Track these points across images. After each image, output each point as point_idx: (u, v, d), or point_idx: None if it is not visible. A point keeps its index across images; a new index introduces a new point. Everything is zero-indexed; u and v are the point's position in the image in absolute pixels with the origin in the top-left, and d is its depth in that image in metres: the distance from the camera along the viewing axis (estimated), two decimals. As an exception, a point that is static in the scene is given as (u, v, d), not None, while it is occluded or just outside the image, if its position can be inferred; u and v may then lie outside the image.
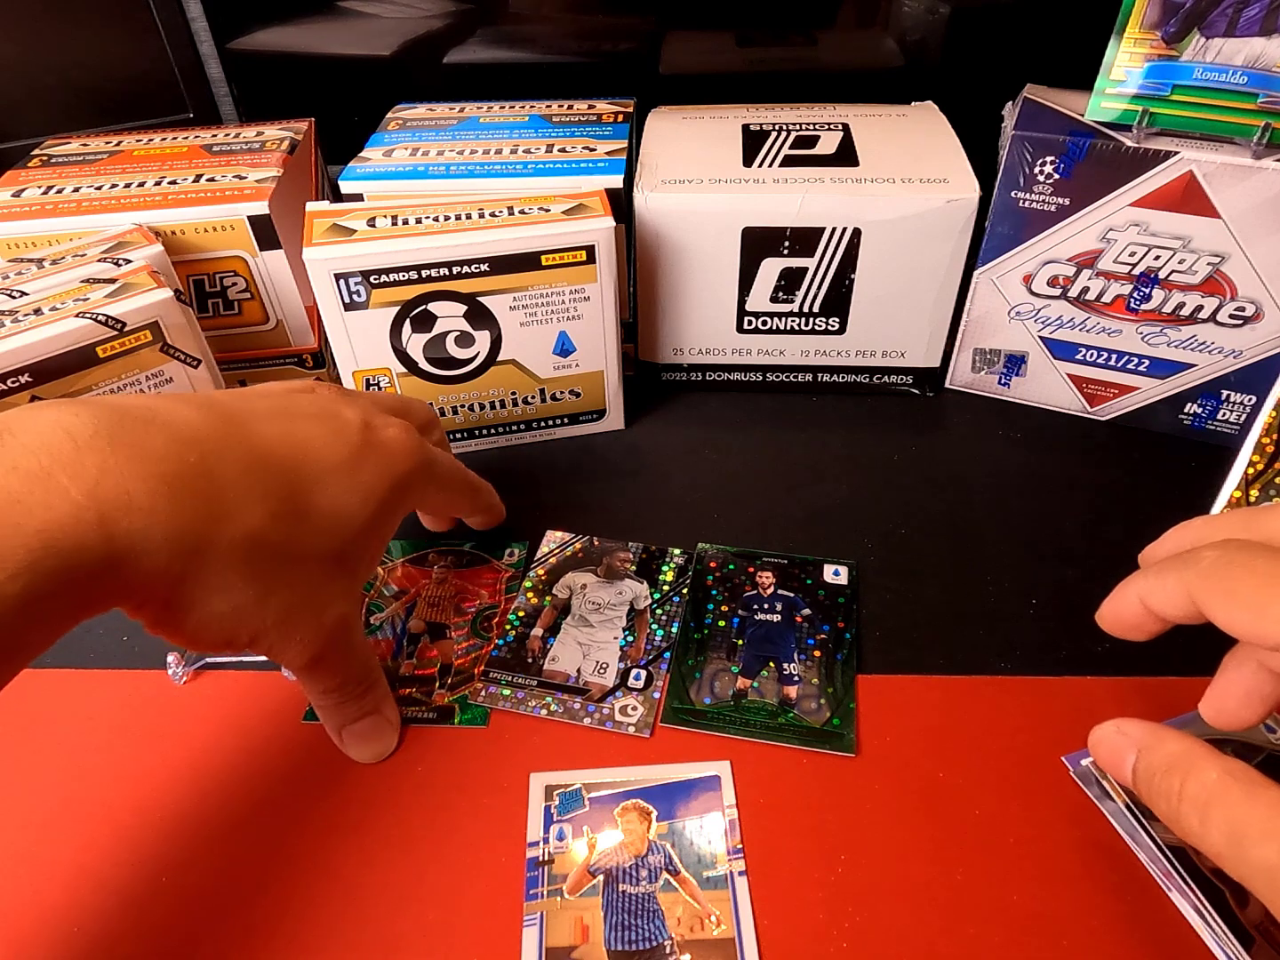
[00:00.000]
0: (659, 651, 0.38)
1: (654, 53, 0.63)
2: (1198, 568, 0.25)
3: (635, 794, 0.33)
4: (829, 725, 0.35)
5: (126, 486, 0.24)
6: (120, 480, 0.24)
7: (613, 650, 0.38)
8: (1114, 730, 0.27)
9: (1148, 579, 0.27)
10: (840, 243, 0.47)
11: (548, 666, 0.38)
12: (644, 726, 0.35)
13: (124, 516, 0.24)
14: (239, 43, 0.63)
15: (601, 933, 0.30)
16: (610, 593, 0.41)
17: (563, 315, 0.45)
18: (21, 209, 0.46)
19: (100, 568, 0.24)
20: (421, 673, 0.38)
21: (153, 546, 0.25)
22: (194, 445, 0.27)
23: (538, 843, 0.32)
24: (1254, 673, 0.27)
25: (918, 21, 0.61)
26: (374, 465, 0.32)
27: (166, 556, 0.25)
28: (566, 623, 0.40)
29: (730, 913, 0.30)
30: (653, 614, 0.40)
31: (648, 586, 0.41)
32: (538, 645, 0.39)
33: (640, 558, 0.42)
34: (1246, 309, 0.44)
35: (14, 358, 0.36)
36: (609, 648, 0.39)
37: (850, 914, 0.30)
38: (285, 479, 0.29)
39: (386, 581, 0.42)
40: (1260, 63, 0.40)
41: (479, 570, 0.43)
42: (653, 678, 0.37)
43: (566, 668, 0.38)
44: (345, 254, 0.41)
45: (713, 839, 0.32)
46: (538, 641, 0.39)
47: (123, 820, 0.33)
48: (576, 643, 0.39)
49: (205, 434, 0.27)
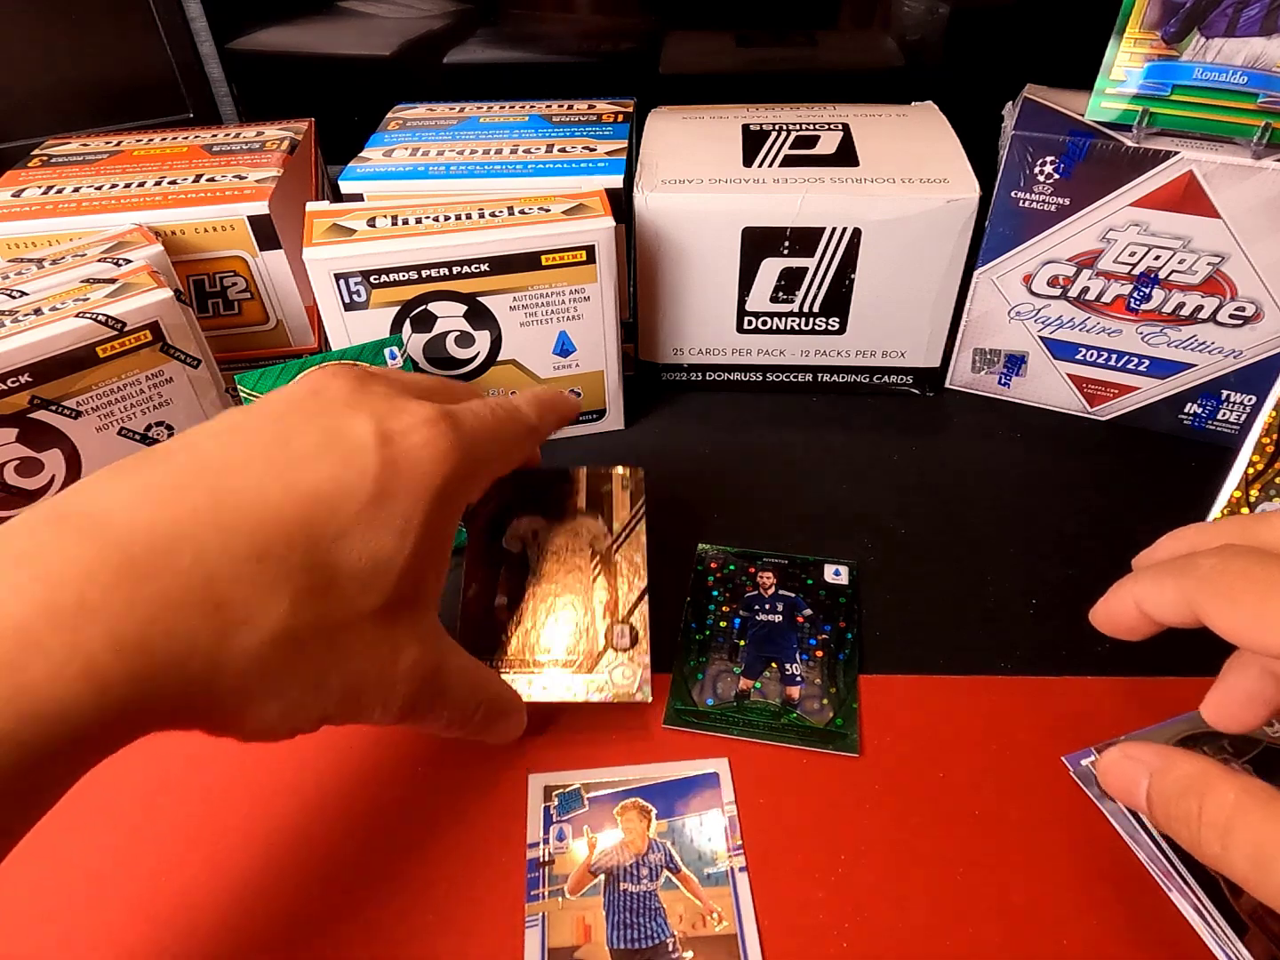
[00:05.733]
0: (635, 601, 0.35)
1: (654, 53, 0.63)
2: (1196, 575, 0.25)
3: (634, 793, 0.33)
4: (832, 725, 0.35)
5: (111, 626, 0.20)
6: (102, 619, 0.20)
7: (589, 607, 0.35)
8: (1121, 756, 0.26)
9: (1144, 583, 0.27)
10: (840, 243, 0.47)
11: (524, 639, 0.35)
12: (644, 684, 0.33)
13: (115, 662, 0.20)
14: (239, 43, 0.63)
15: (604, 932, 0.30)
16: (567, 537, 0.36)
17: (563, 315, 0.45)
18: (21, 209, 0.46)
19: (101, 723, 0.20)
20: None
21: (159, 687, 0.21)
22: (181, 546, 0.22)
23: (538, 843, 0.32)
24: (1257, 677, 0.27)
25: (918, 21, 0.61)
26: (404, 489, 0.26)
27: (180, 691, 0.22)
28: (530, 583, 0.36)
29: (732, 909, 0.30)
30: (615, 553, 0.36)
31: (601, 522, 0.37)
32: (505, 616, 0.35)
33: (587, 483, 0.38)
34: (1246, 309, 0.44)
35: (14, 358, 0.36)
36: (584, 605, 0.35)
37: (851, 913, 0.30)
38: (300, 548, 0.24)
39: None
40: (1260, 63, 0.40)
41: None
42: (637, 632, 0.35)
43: (546, 639, 0.35)
44: (345, 254, 0.41)
45: (713, 836, 0.32)
46: (505, 612, 0.35)
47: (122, 820, 0.33)
48: (547, 606, 0.35)
49: (191, 526, 0.22)
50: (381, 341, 0.41)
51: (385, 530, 0.25)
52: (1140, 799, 0.25)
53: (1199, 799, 0.23)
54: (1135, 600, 0.27)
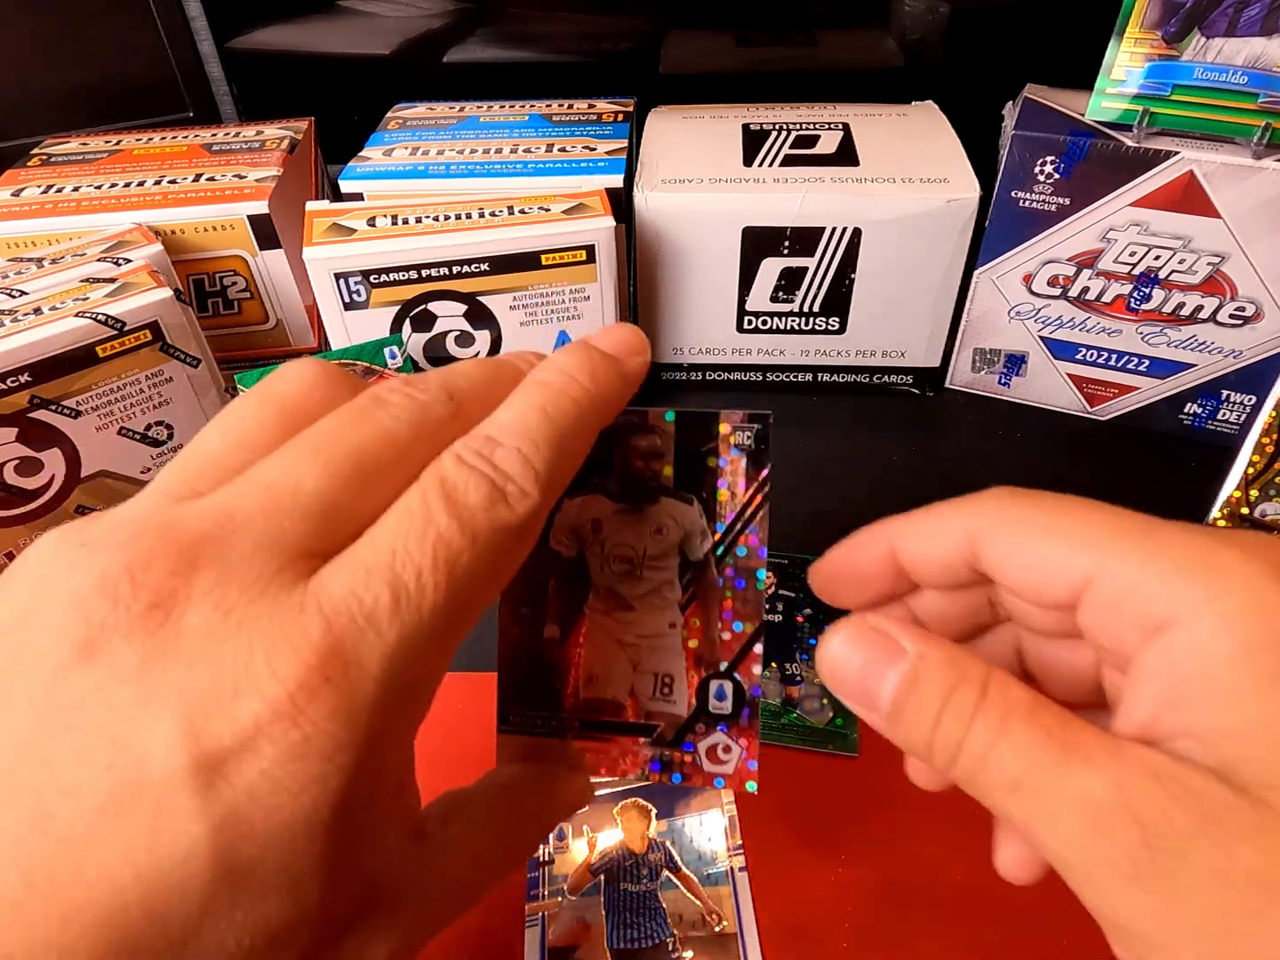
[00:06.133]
0: (745, 645, 0.22)
1: (654, 53, 0.63)
2: (981, 502, 0.20)
3: (634, 792, 0.33)
4: (832, 725, 0.35)
5: None
6: None
7: (674, 650, 0.23)
8: (880, 636, 0.19)
9: (907, 519, 0.21)
10: (840, 242, 0.47)
11: (586, 694, 0.23)
12: (742, 777, 0.22)
13: None
14: (239, 42, 0.63)
15: (604, 931, 0.30)
16: (644, 533, 0.23)
17: (563, 315, 0.45)
18: (21, 208, 0.46)
19: None
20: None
21: None
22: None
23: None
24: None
25: (918, 21, 0.61)
26: (272, 842, 0.15)
27: None
28: (591, 605, 0.23)
29: (732, 909, 0.30)
30: (718, 564, 0.22)
31: (699, 509, 0.23)
32: (563, 655, 0.23)
33: (675, 439, 0.23)
34: (1246, 309, 0.44)
35: (14, 357, 0.36)
36: (667, 646, 0.23)
37: (851, 912, 0.30)
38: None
39: None
40: (1260, 63, 0.40)
41: (373, 384, 0.33)
42: (742, 691, 0.22)
43: (613, 691, 0.23)
44: (345, 253, 0.41)
45: (713, 836, 0.32)
46: (557, 648, 0.23)
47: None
48: (617, 642, 0.23)
49: None
50: (381, 341, 0.41)
51: (262, 901, 0.15)
52: (881, 699, 0.18)
53: (966, 719, 0.17)
54: (891, 539, 0.21)
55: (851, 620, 0.19)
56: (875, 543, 0.21)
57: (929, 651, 0.18)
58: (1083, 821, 0.15)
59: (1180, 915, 0.15)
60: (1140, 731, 0.16)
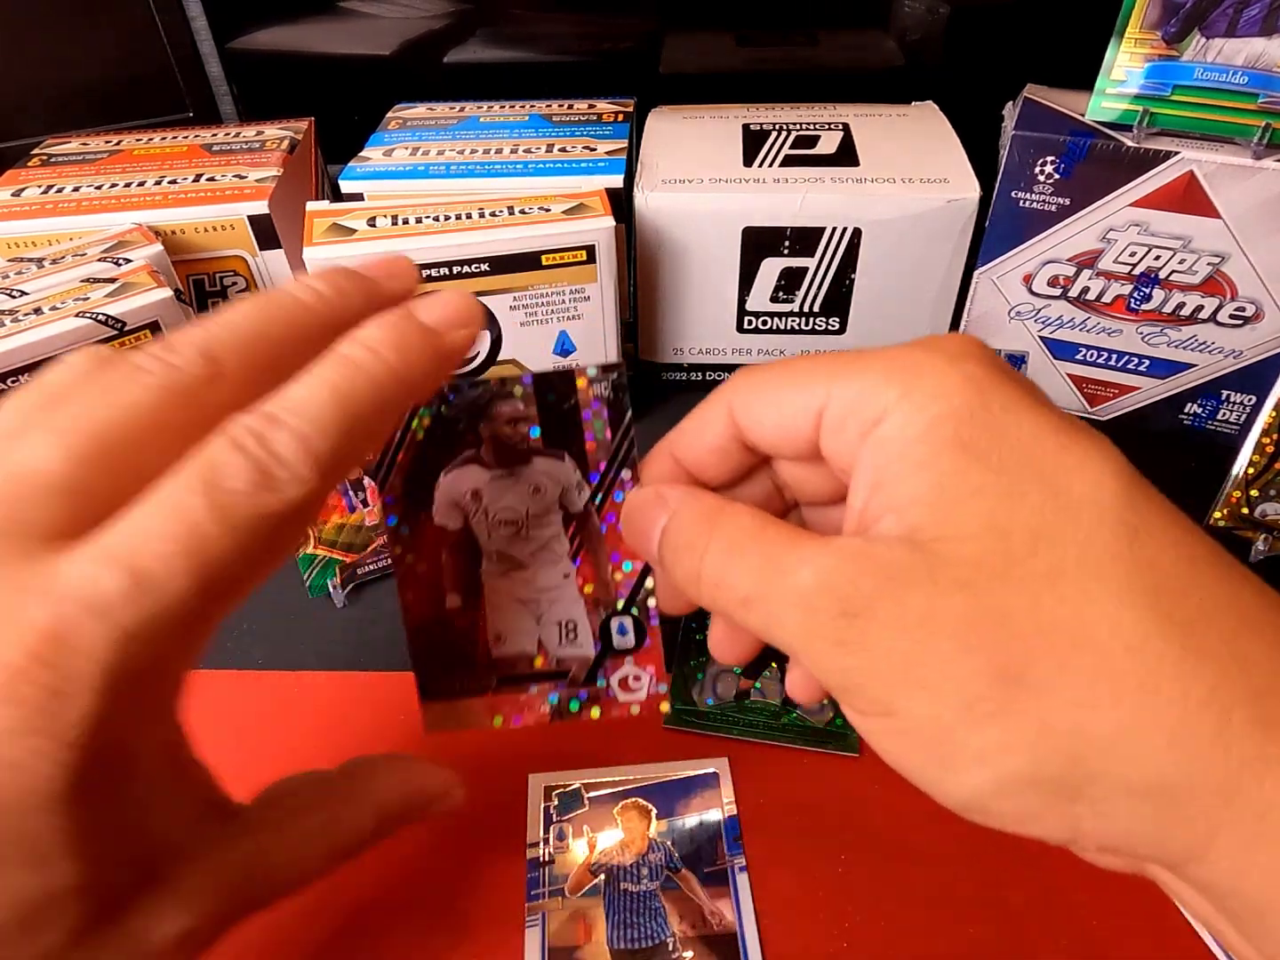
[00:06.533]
0: (637, 575, 0.24)
1: (654, 53, 0.63)
2: (729, 383, 0.21)
3: (634, 792, 0.33)
4: (832, 725, 0.35)
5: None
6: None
7: (572, 598, 0.24)
8: (649, 493, 0.21)
9: (677, 428, 0.22)
10: (840, 242, 0.47)
11: (497, 653, 0.25)
12: (656, 698, 0.24)
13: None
14: (239, 42, 0.63)
15: (604, 932, 0.30)
16: (523, 494, 0.24)
17: (563, 315, 0.45)
18: (21, 209, 0.46)
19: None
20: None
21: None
22: None
23: (538, 843, 0.32)
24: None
25: (918, 21, 0.61)
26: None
27: None
28: (485, 571, 0.24)
29: (732, 909, 0.30)
30: (598, 511, 0.24)
31: (572, 463, 0.24)
32: (468, 621, 0.24)
33: (537, 400, 0.24)
34: (1246, 309, 0.44)
35: (14, 357, 0.36)
36: (564, 595, 0.25)
37: (851, 913, 0.30)
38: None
39: None
40: (1261, 63, 0.40)
41: None
42: (642, 624, 0.24)
43: (523, 645, 0.25)
44: (345, 254, 0.41)
45: (713, 836, 0.32)
46: (461, 615, 0.24)
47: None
48: (517, 600, 0.25)
49: None
50: None
51: (3, 874, 0.16)
52: (653, 546, 0.21)
53: (699, 554, 0.19)
54: (670, 448, 0.22)
55: (640, 487, 0.22)
56: (661, 459, 0.23)
57: (683, 500, 0.20)
58: (798, 610, 0.17)
59: (877, 665, 0.17)
60: (858, 523, 0.19)
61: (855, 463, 0.19)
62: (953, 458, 0.17)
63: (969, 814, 0.17)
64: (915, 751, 0.17)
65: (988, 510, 0.17)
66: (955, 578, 0.16)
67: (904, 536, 0.17)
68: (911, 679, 0.17)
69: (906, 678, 0.17)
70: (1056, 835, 0.17)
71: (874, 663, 0.17)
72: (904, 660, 0.17)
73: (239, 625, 0.40)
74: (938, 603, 0.16)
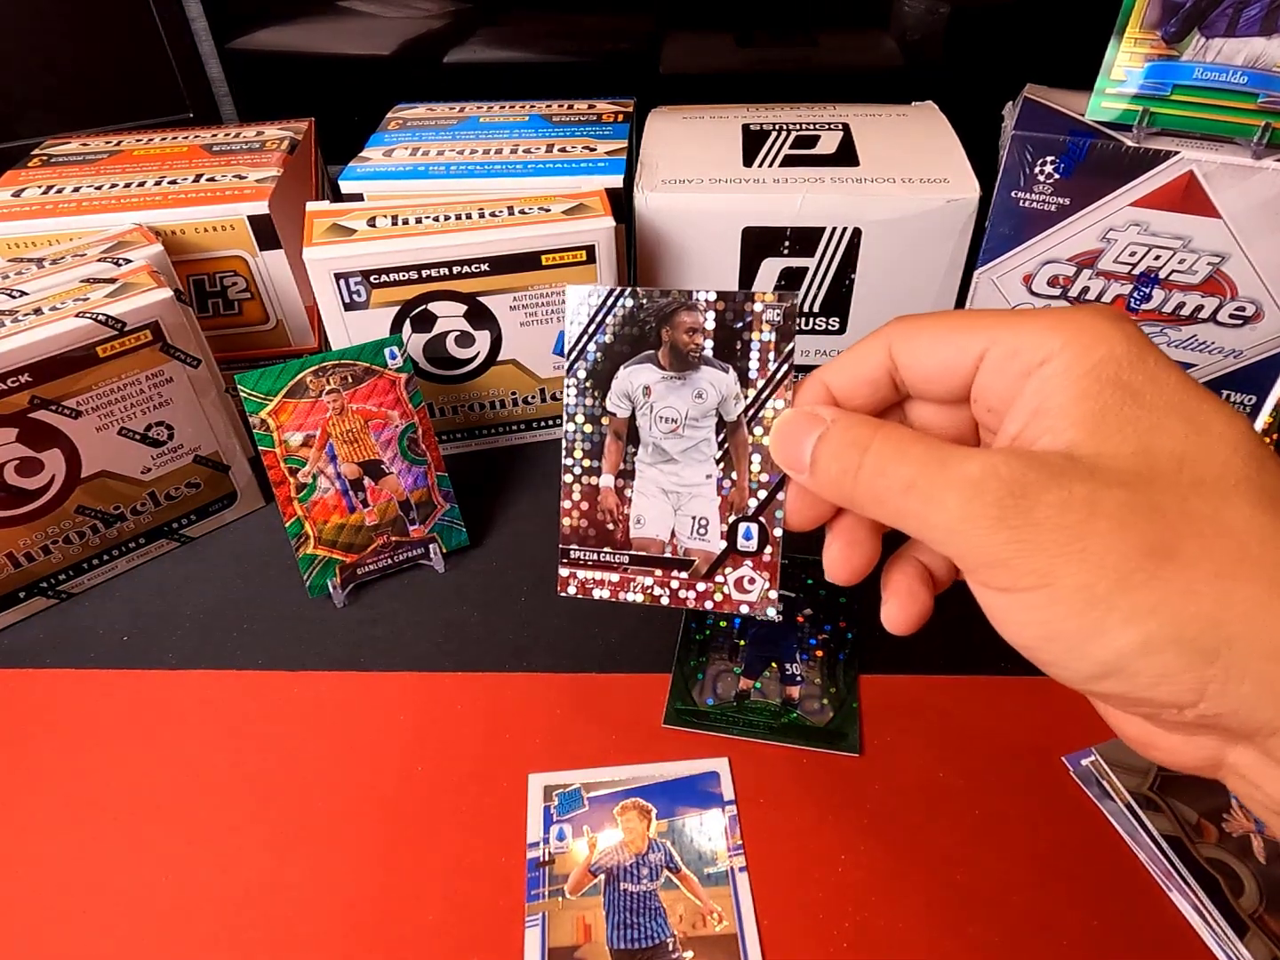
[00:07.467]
0: (770, 487, 0.27)
1: (654, 53, 0.63)
2: (889, 327, 0.25)
3: (634, 793, 0.33)
4: (832, 725, 0.35)
5: None
6: None
7: (709, 497, 0.27)
8: (800, 412, 0.24)
9: (833, 360, 0.25)
10: (840, 243, 0.47)
11: (635, 533, 0.28)
12: (764, 604, 0.27)
13: None
14: (239, 42, 0.63)
15: (604, 931, 0.30)
16: (686, 397, 0.27)
17: (563, 315, 0.45)
18: (21, 209, 0.46)
19: None
20: (387, 517, 0.39)
21: None
22: None
23: (538, 843, 0.32)
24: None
25: (918, 21, 0.61)
26: None
27: None
28: (640, 459, 0.28)
29: (732, 909, 0.30)
30: (749, 424, 0.27)
31: (734, 376, 0.27)
32: (613, 502, 0.28)
33: (716, 314, 0.27)
34: (1246, 309, 0.44)
35: (14, 357, 0.36)
36: (703, 493, 0.27)
37: (851, 912, 0.30)
38: None
39: (282, 428, 0.38)
40: (1260, 63, 0.40)
41: (373, 384, 0.39)
42: (766, 533, 0.27)
43: (657, 531, 0.28)
44: (345, 254, 0.41)
45: (713, 836, 0.32)
46: (612, 496, 0.28)
47: (121, 819, 0.33)
48: (661, 490, 0.28)
49: None
50: (381, 341, 0.41)
51: None
52: (804, 454, 0.24)
53: (862, 450, 0.22)
54: (824, 376, 0.25)
55: (791, 408, 0.25)
56: (814, 385, 0.25)
57: (839, 415, 0.23)
58: (962, 493, 0.20)
59: (1040, 539, 0.19)
60: (1011, 442, 0.22)
61: (1016, 395, 0.21)
62: (1114, 393, 0.20)
63: (1106, 680, 0.19)
64: (1066, 619, 0.19)
65: (1139, 436, 0.20)
66: (1113, 478, 0.19)
67: (1062, 451, 0.20)
68: (1073, 550, 0.19)
69: (1068, 550, 0.19)
70: (1185, 697, 0.19)
71: (1038, 535, 0.19)
72: (1068, 534, 0.19)
73: (239, 625, 0.40)
74: (1099, 492, 0.19)
